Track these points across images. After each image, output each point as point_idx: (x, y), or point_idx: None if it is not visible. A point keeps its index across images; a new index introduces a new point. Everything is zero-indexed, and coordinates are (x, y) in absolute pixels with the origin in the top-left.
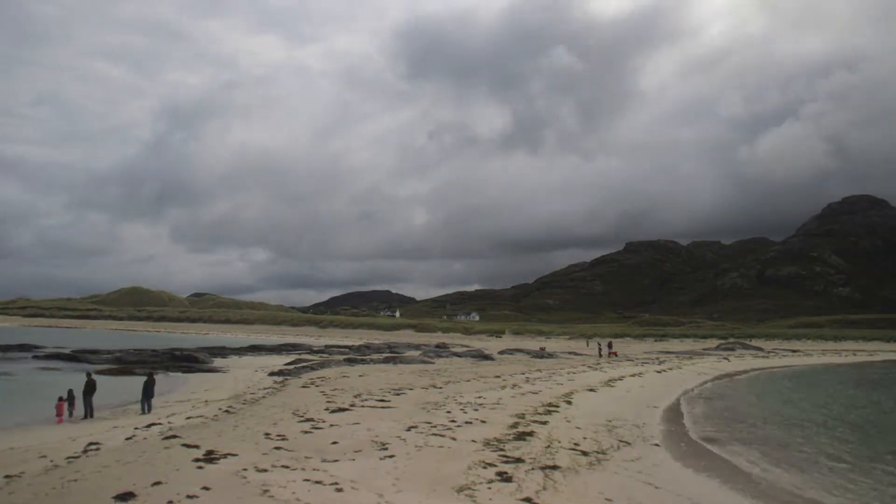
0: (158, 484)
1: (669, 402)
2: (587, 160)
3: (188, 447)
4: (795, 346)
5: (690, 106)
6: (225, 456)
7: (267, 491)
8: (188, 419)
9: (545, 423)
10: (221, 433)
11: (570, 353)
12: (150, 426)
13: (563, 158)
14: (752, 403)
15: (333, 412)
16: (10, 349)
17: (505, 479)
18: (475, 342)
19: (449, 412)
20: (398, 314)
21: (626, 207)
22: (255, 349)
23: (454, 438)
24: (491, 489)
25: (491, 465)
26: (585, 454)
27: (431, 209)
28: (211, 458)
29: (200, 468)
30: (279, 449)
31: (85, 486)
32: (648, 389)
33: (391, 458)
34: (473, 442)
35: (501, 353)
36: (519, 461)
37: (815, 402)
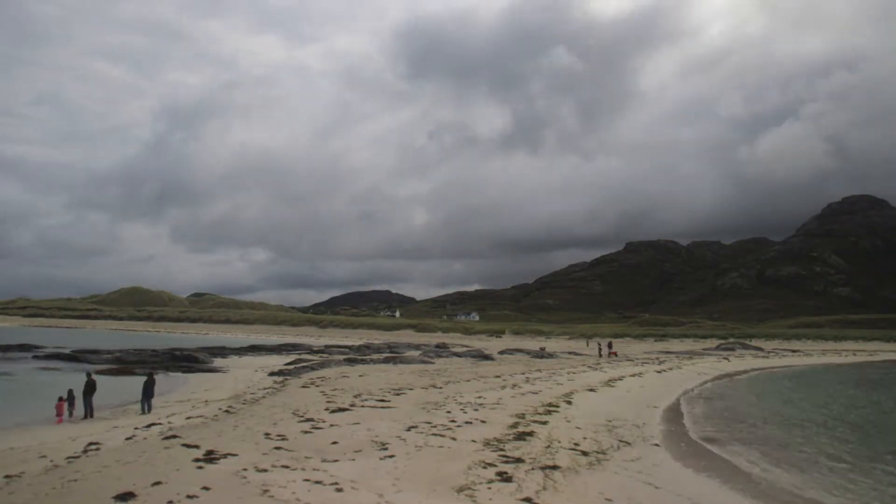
0: (158, 484)
1: (669, 402)
2: (587, 160)
3: (188, 447)
4: (795, 346)
5: (690, 106)
6: (225, 456)
7: (267, 491)
8: (188, 419)
9: (545, 423)
10: (221, 433)
11: (570, 353)
12: (150, 426)
13: (563, 158)
14: (752, 403)
15: (333, 412)
16: (10, 349)
17: (505, 479)
18: (475, 342)
19: (449, 412)
20: (398, 314)
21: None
22: (255, 349)
23: (454, 438)
24: (491, 489)
25: (491, 465)
26: (585, 454)
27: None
28: (211, 458)
29: (200, 468)
30: (279, 449)
31: (85, 486)
32: (648, 389)
33: (391, 458)
34: (473, 442)
35: (501, 353)
36: (519, 461)
37: (815, 402)
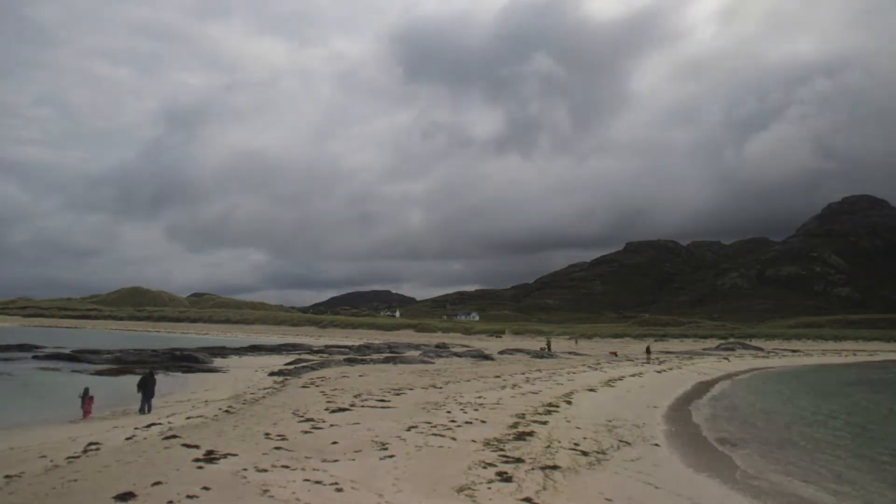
0: (158, 484)
1: (669, 402)
2: (582, 161)
3: (188, 447)
4: (795, 346)
5: (686, 107)
6: (225, 456)
7: (267, 491)
8: (188, 419)
9: (545, 423)
10: (221, 433)
11: (570, 353)
12: (150, 426)
13: (557, 160)
14: (751, 403)
15: (333, 412)
16: (9, 349)
17: (505, 479)
18: (475, 342)
19: (449, 412)
20: (398, 314)
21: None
22: (255, 349)
23: (454, 438)
24: (491, 489)
25: (491, 465)
26: (585, 454)
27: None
28: (211, 458)
29: (200, 468)
30: (279, 449)
31: (85, 486)
32: (648, 389)
33: (391, 458)
34: (473, 442)
35: (501, 353)
36: (519, 461)
37: (815, 401)
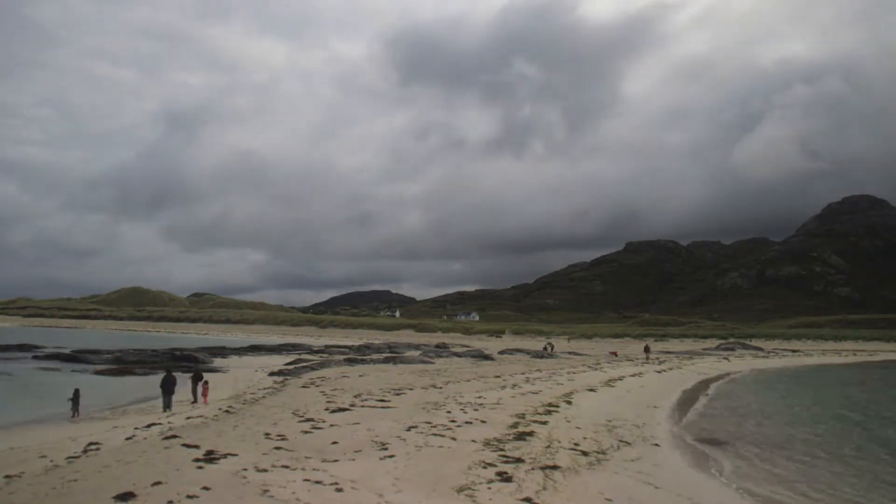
0: (158, 484)
1: (669, 402)
2: (580, 162)
3: (188, 447)
4: (795, 346)
5: (680, 109)
6: (225, 456)
7: (267, 491)
8: (188, 419)
9: (545, 423)
10: (221, 433)
11: (570, 353)
12: (150, 426)
13: (555, 161)
14: (752, 403)
15: (333, 412)
16: (9, 349)
17: (505, 479)
18: (475, 342)
19: (449, 412)
20: (398, 314)
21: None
22: (255, 349)
23: (454, 438)
24: (491, 489)
25: (491, 465)
26: (585, 454)
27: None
28: (211, 458)
29: (200, 468)
30: (279, 449)
31: (85, 486)
32: (648, 389)
33: (391, 458)
34: (473, 442)
35: (501, 353)
36: (519, 461)
37: (815, 402)
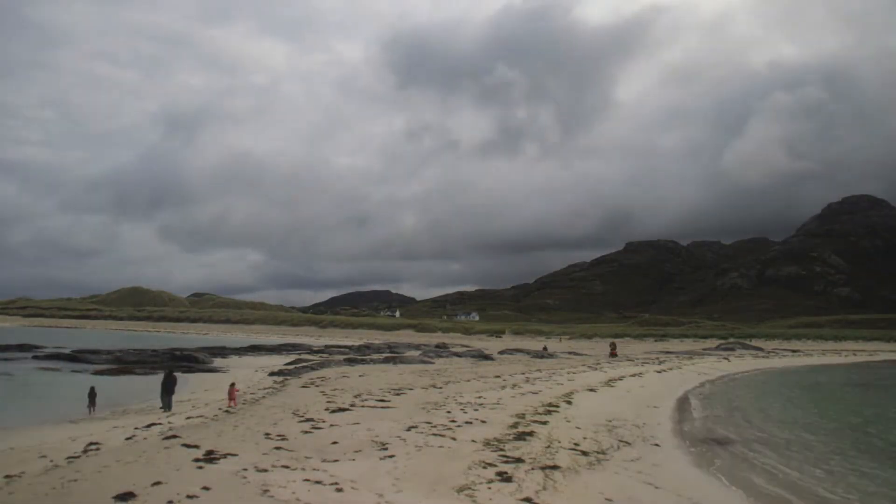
0: (158, 484)
1: (669, 402)
2: (576, 164)
3: (188, 447)
4: (795, 346)
5: (675, 112)
6: (225, 456)
7: (267, 491)
8: (188, 419)
9: (545, 423)
10: (221, 433)
11: (570, 353)
12: (150, 426)
13: (551, 163)
14: (751, 404)
15: (333, 412)
16: (9, 349)
17: (505, 479)
18: (475, 342)
19: (449, 412)
20: (398, 314)
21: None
22: (255, 349)
23: (454, 438)
24: (491, 489)
25: (491, 465)
26: (585, 454)
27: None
28: (211, 458)
29: (200, 468)
30: (279, 449)
31: (85, 486)
32: (648, 389)
33: (391, 458)
34: (473, 442)
35: (501, 353)
36: (519, 461)
37: (815, 402)
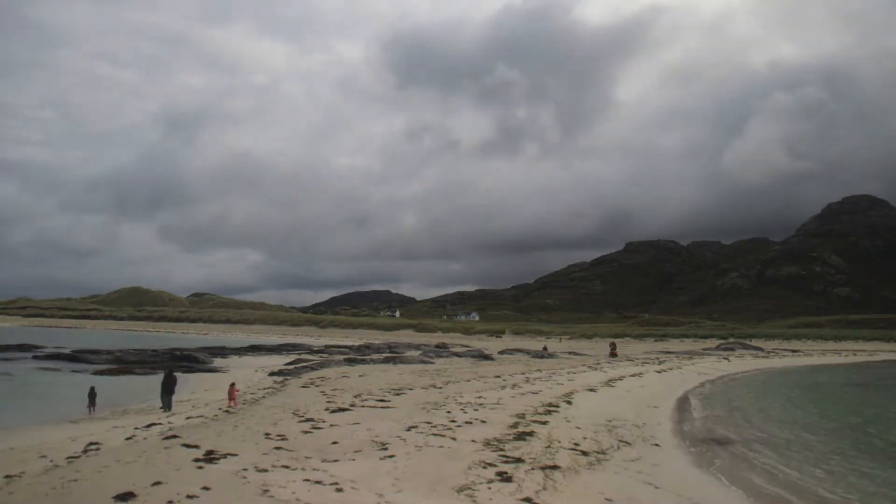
0: (158, 484)
1: (670, 402)
2: (577, 164)
3: (188, 447)
4: (795, 346)
5: (675, 112)
6: (225, 456)
7: (267, 491)
8: (188, 419)
9: (545, 423)
10: (221, 433)
11: (570, 353)
12: (150, 426)
13: (553, 162)
14: (751, 404)
15: (333, 412)
16: (9, 349)
17: (505, 479)
18: (475, 342)
19: (449, 412)
20: (398, 314)
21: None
22: (255, 349)
23: (454, 438)
24: (491, 489)
25: (491, 465)
26: (585, 454)
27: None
28: (211, 458)
29: (200, 468)
30: (279, 449)
31: (85, 486)
32: (648, 389)
33: (391, 458)
34: (473, 442)
35: (501, 353)
36: (519, 461)
37: (815, 402)
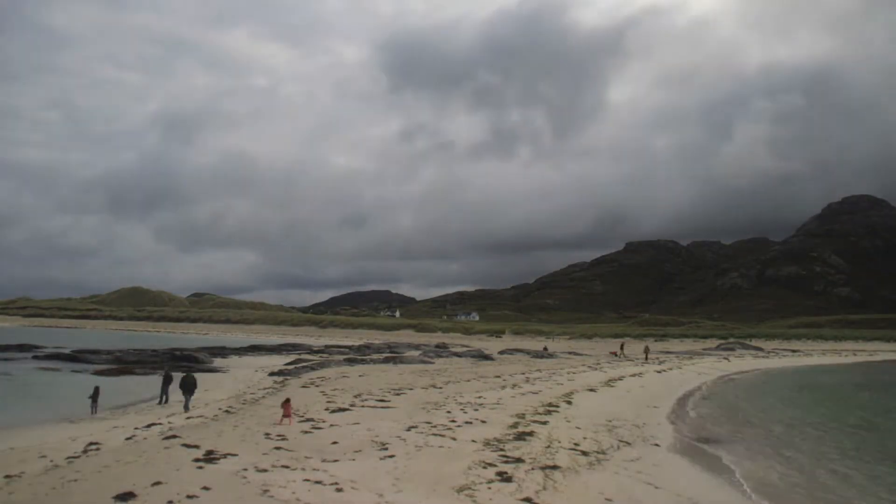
0: (158, 484)
1: (669, 402)
2: (572, 165)
3: (188, 447)
4: (795, 346)
5: (671, 113)
6: (225, 456)
7: (267, 491)
8: (188, 419)
9: (545, 423)
10: (221, 433)
11: (570, 353)
12: (150, 426)
13: (547, 163)
14: (751, 403)
15: (333, 412)
16: (9, 349)
17: (505, 479)
18: (475, 342)
19: (449, 412)
20: (398, 314)
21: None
22: (255, 349)
23: (454, 438)
24: (491, 489)
25: (491, 465)
26: (585, 454)
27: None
28: (211, 458)
29: (200, 468)
30: (279, 449)
31: (85, 486)
32: (648, 389)
33: (391, 458)
34: (473, 442)
35: (501, 353)
36: (519, 461)
37: (814, 402)
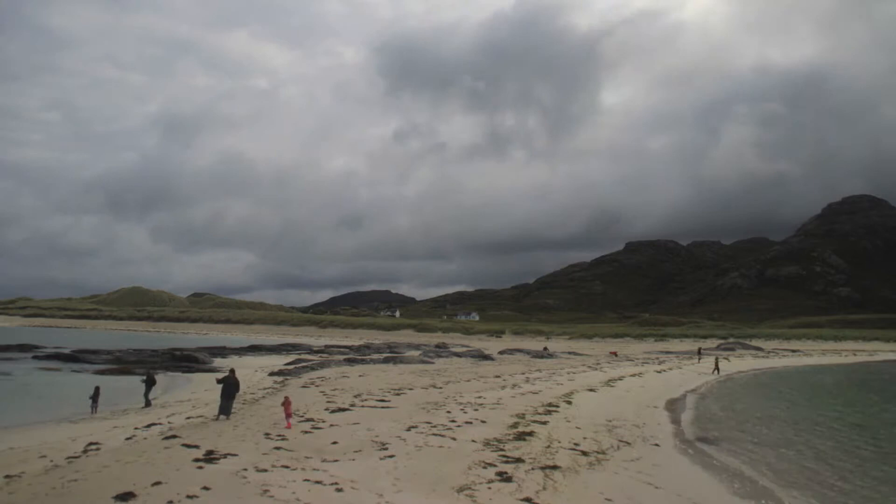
0: (158, 484)
1: (670, 402)
2: (567, 166)
3: (188, 447)
4: (795, 346)
5: (665, 115)
6: (225, 456)
7: (267, 491)
8: (188, 419)
9: (545, 423)
10: (221, 433)
11: (570, 353)
12: (150, 426)
13: (543, 165)
14: (751, 403)
15: (333, 412)
16: (10, 349)
17: (505, 479)
18: (475, 342)
19: (449, 412)
20: (398, 314)
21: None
22: (255, 349)
23: (454, 438)
24: (491, 489)
25: (491, 465)
26: (585, 454)
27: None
28: (211, 458)
29: (200, 468)
30: (279, 449)
31: (85, 486)
32: (648, 389)
33: (391, 458)
34: (473, 442)
35: (501, 353)
36: (519, 461)
37: (814, 402)
